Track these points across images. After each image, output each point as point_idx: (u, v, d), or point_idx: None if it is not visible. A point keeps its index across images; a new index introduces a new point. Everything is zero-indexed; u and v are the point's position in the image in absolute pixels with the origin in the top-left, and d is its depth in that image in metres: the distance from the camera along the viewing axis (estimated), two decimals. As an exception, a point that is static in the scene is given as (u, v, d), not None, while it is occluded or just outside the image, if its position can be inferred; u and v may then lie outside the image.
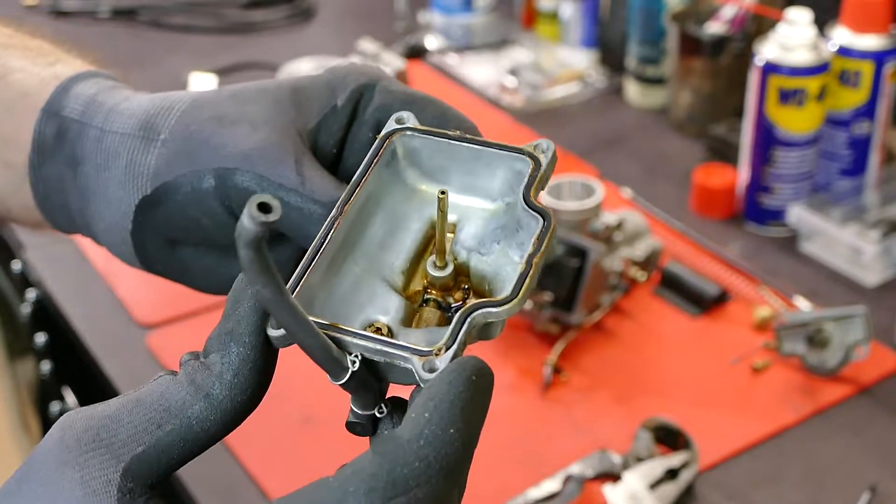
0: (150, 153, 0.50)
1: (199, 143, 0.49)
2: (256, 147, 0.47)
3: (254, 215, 0.33)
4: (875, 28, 1.10)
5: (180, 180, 0.49)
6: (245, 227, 0.34)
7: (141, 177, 0.51)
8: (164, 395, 0.41)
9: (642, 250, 1.03)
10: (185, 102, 0.50)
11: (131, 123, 0.51)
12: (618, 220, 1.00)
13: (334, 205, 0.44)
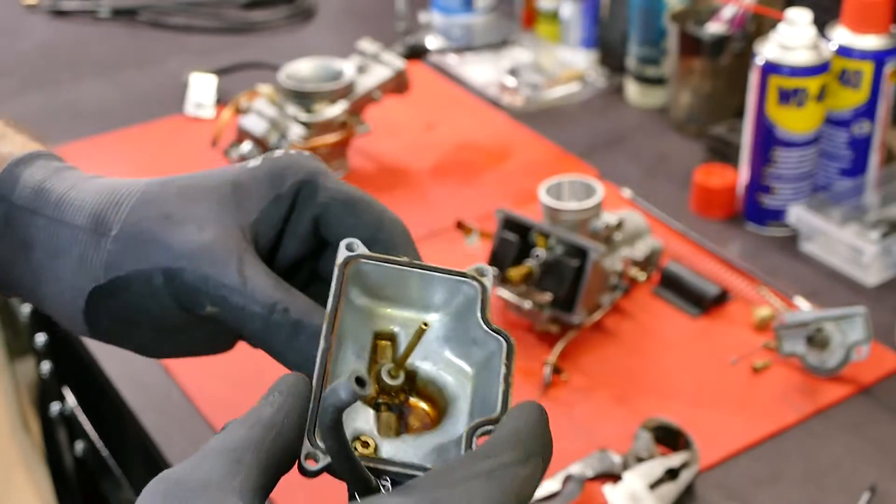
0: (102, 248, 0.53)
1: (149, 240, 0.52)
2: (202, 248, 0.51)
3: (353, 389, 0.39)
4: (875, 28, 1.10)
5: (132, 275, 0.53)
6: (339, 396, 0.39)
7: (94, 269, 0.54)
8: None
9: (642, 250, 1.03)
10: (134, 197, 0.54)
11: (81, 216, 0.54)
12: (618, 220, 1.00)
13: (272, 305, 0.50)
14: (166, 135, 1.36)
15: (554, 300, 0.97)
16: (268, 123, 1.21)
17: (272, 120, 1.21)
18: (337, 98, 1.22)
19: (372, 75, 1.26)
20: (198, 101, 1.40)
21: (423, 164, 1.29)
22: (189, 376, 0.96)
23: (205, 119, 1.39)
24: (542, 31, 1.55)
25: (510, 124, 1.37)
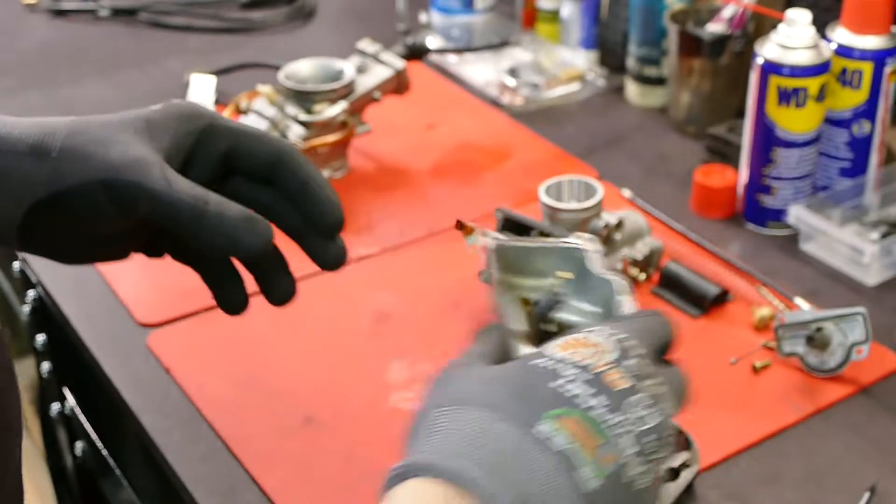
0: (44, 167, 0.63)
1: (87, 158, 0.63)
2: (133, 161, 0.63)
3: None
4: (875, 28, 1.10)
5: (73, 188, 0.63)
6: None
7: (35, 187, 0.64)
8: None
9: (642, 250, 1.03)
10: (66, 127, 0.64)
11: (21, 145, 0.64)
12: (618, 220, 1.00)
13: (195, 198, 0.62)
14: (166, 135, 1.36)
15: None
16: (268, 124, 1.21)
17: (272, 120, 1.21)
18: (337, 98, 1.22)
19: (372, 75, 1.26)
20: (198, 101, 1.40)
21: (423, 164, 1.29)
22: (189, 376, 0.96)
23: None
24: (542, 31, 1.55)
25: (510, 124, 1.37)
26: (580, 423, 0.52)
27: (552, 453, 0.50)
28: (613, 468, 0.51)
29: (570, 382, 0.53)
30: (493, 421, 0.52)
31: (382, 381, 0.95)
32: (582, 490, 0.50)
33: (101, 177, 0.63)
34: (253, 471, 0.86)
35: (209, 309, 1.04)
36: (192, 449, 0.89)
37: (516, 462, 0.50)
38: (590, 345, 0.55)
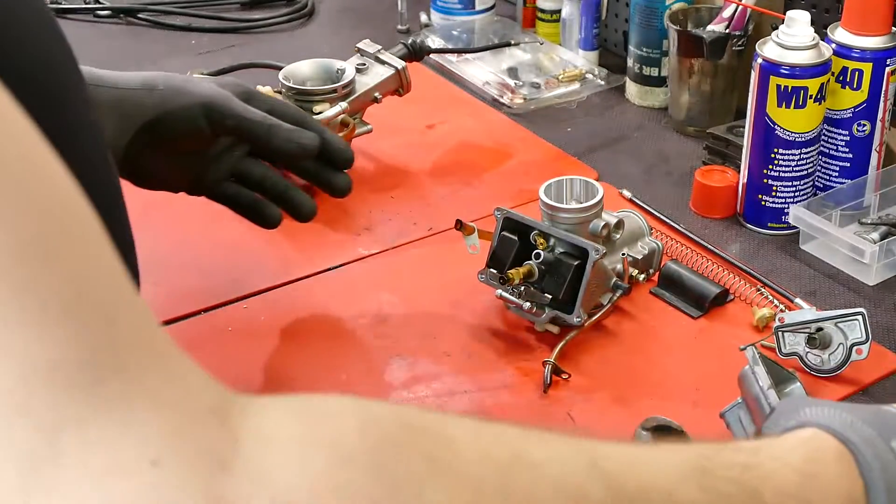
0: (154, 96, 0.94)
1: (186, 91, 0.95)
2: (220, 93, 0.96)
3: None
4: (875, 28, 1.10)
5: (177, 109, 0.94)
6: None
7: (146, 110, 0.93)
8: None
9: (642, 251, 1.03)
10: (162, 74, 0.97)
11: (135, 83, 0.95)
12: (617, 220, 1.00)
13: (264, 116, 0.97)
14: (166, 135, 1.36)
15: (554, 300, 0.97)
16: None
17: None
18: (337, 98, 1.22)
19: (372, 75, 1.26)
20: None
21: (423, 164, 1.29)
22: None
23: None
24: (542, 31, 1.55)
25: (510, 124, 1.37)
26: None
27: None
28: None
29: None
30: (861, 422, 0.60)
31: (382, 381, 0.95)
32: None
33: (200, 101, 0.94)
34: (253, 471, 0.86)
35: (209, 309, 1.04)
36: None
37: (883, 453, 0.59)
38: None
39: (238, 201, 1.02)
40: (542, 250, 0.97)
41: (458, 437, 0.47)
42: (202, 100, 0.95)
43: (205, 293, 1.07)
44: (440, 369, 0.96)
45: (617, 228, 1.00)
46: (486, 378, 0.95)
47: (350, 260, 1.11)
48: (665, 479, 0.54)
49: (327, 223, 1.14)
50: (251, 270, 1.09)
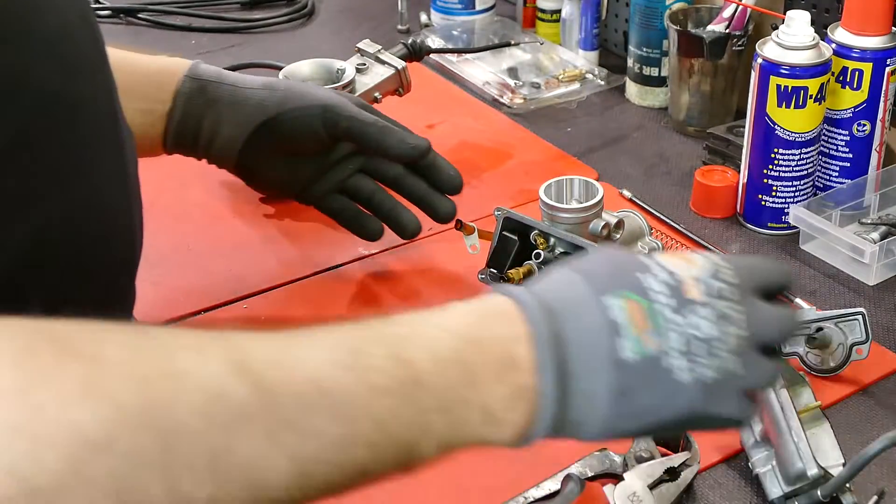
0: (275, 96, 1.00)
1: (304, 93, 1.02)
2: (337, 98, 1.02)
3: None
4: (875, 28, 1.11)
5: (296, 109, 1.00)
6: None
7: (267, 108, 0.99)
8: None
9: (641, 251, 1.03)
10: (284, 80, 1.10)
11: (257, 84, 1.02)
12: (617, 220, 1.00)
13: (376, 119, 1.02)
14: (166, 135, 1.36)
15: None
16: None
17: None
18: (337, 98, 1.22)
19: (372, 75, 1.26)
20: None
21: (423, 164, 1.28)
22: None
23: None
24: (542, 31, 1.55)
25: (510, 124, 1.37)
26: (640, 309, 0.62)
27: (606, 318, 0.61)
28: (653, 352, 0.61)
29: (653, 278, 0.63)
30: (579, 282, 0.63)
31: (382, 381, 0.95)
32: (615, 355, 0.61)
33: (319, 103, 1.00)
34: (253, 471, 0.86)
35: (209, 309, 1.04)
36: (192, 449, 0.89)
37: (572, 310, 0.62)
38: (689, 260, 0.65)
39: (343, 214, 1.06)
40: (542, 250, 0.97)
41: (109, 358, 0.51)
42: (321, 102, 1.00)
43: (205, 293, 1.07)
44: (440, 369, 0.96)
45: (617, 228, 1.00)
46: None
47: (350, 260, 1.11)
48: (312, 368, 0.56)
49: (327, 223, 1.14)
50: (251, 270, 1.09)
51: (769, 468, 0.82)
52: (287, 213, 1.17)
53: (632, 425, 0.64)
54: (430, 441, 0.60)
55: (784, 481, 0.80)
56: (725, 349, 0.63)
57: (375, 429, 0.58)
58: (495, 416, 0.61)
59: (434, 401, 0.59)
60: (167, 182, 1.23)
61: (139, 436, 0.50)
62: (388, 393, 0.58)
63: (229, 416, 0.53)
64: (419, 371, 0.59)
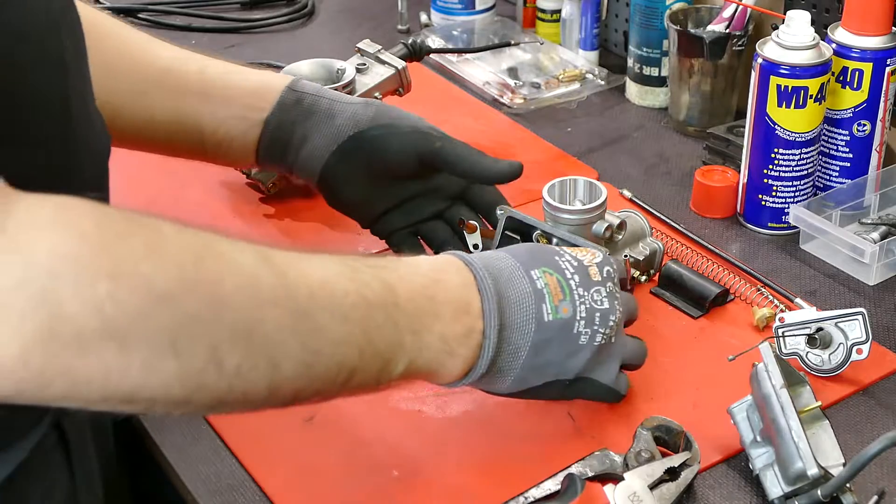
0: (369, 110, 1.00)
1: (401, 114, 1.02)
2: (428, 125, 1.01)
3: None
4: (875, 28, 1.11)
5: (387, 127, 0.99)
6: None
7: (360, 122, 0.99)
8: None
9: (643, 251, 1.03)
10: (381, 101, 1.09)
11: (355, 100, 1.02)
12: (620, 221, 1.00)
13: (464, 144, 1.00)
14: (166, 135, 1.36)
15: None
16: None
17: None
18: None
19: (372, 75, 1.26)
20: None
21: (423, 164, 1.28)
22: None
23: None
24: (542, 31, 1.55)
25: (510, 124, 1.37)
26: (557, 282, 0.80)
27: (533, 286, 0.79)
28: (566, 317, 0.79)
29: (565, 261, 0.82)
30: (509, 258, 0.80)
31: (382, 381, 0.95)
32: (540, 317, 0.78)
33: (412, 124, 1.00)
34: (253, 471, 0.86)
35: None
36: (192, 449, 0.89)
37: (507, 277, 0.79)
38: (588, 251, 0.85)
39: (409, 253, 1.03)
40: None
41: (167, 231, 0.62)
42: (414, 123, 1.00)
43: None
44: (440, 369, 0.96)
45: (619, 230, 1.00)
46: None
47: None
48: (322, 274, 0.68)
49: (327, 223, 1.14)
50: (251, 270, 1.09)
51: (769, 468, 0.82)
52: (287, 213, 1.17)
53: (536, 379, 0.80)
54: (402, 359, 0.72)
55: (784, 481, 0.80)
56: (614, 321, 0.81)
57: (365, 337, 0.69)
58: (451, 347, 0.75)
59: (408, 322, 0.72)
60: (167, 182, 1.23)
61: (195, 297, 0.60)
62: (376, 307, 0.70)
63: (262, 297, 0.64)
64: (398, 295, 0.72)
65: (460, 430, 0.90)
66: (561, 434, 0.89)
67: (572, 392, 0.84)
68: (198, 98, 0.99)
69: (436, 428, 0.90)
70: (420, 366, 0.74)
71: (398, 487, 0.84)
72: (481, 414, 0.91)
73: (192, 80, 1.00)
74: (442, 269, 0.77)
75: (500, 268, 0.79)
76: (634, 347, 0.88)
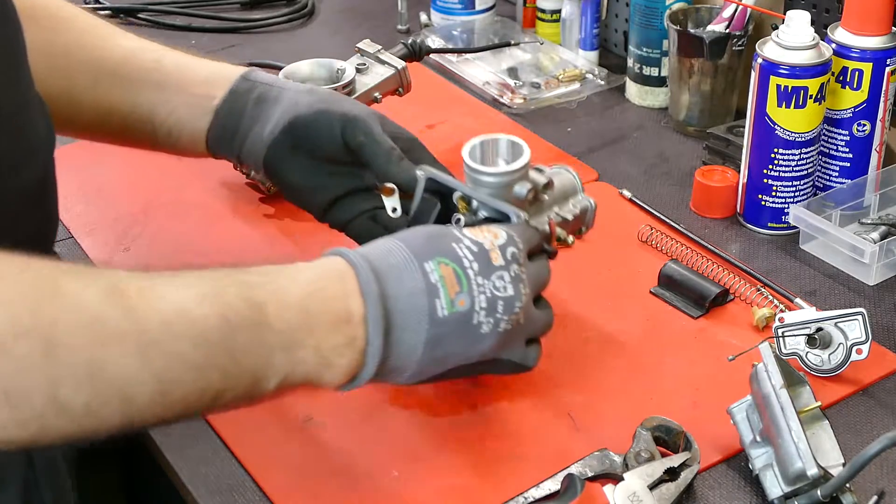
0: (309, 98, 0.97)
1: (341, 101, 0.99)
2: (371, 113, 0.98)
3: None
4: (875, 28, 1.11)
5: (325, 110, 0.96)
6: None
7: (303, 106, 0.97)
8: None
9: (572, 210, 0.96)
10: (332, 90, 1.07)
11: (301, 88, 1.00)
12: (546, 181, 0.92)
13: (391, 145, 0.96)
14: (166, 135, 1.36)
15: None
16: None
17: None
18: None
19: (372, 75, 1.26)
20: None
21: (423, 164, 1.28)
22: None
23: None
24: (542, 31, 1.55)
25: (510, 124, 1.37)
26: (454, 272, 0.76)
27: (426, 281, 0.75)
28: (463, 310, 0.76)
29: (464, 247, 0.78)
30: (402, 248, 0.76)
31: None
32: (434, 313, 0.75)
33: (346, 111, 0.96)
34: (253, 471, 0.86)
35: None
36: (192, 449, 0.89)
37: (397, 274, 0.75)
38: (491, 232, 0.80)
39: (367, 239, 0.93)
40: (462, 214, 0.89)
41: (6, 273, 0.61)
42: (350, 111, 0.97)
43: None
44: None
45: (546, 189, 0.92)
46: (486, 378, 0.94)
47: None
48: (178, 300, 0.67)
49: (327, 223, 1.14)
50: (251, 270, 1.09)
51: (769, 468, 0.82)
52: (287, 213, 1.17)
53: (438, 369, 0.78)
54: (274, 375, 0.71)
55: (784, 481, 0.80)
56: (519, 307, 0.78)
57: (229, 359, 0.68)
58: (328, 359, 0.72)
59: (278, 340, 0.70)
60: (167, 182, 1.23)
61: (26, 343, 0.60)
62: (240, 328, 0.68)
63: (106, 334, 0.63)
64: (266, 314, 0.70)
65: (460, 430, 0.90)
66: (561, 434, 0.89)
67: (478, 371, 0.84)
68: (152, 87, 0.98)
69: (436, 428, 0.90)
70: (296, 379, 0.72)
71: (398, 487, 0.84)
72: (481, 414, 0.91)
73: (147, 69, 0.99)
74: (322, 276, 0.74)
75: (390, 264, 0.75)
76: (541, 321, 0.84)
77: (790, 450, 0.79)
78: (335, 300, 0.73)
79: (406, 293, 0.74)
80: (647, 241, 1.12)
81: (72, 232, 1.16)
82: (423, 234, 0.78)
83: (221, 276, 0.70)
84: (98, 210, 1.20)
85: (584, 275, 1.08)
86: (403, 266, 0.75)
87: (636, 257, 1.11)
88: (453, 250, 0.77)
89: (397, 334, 0.74)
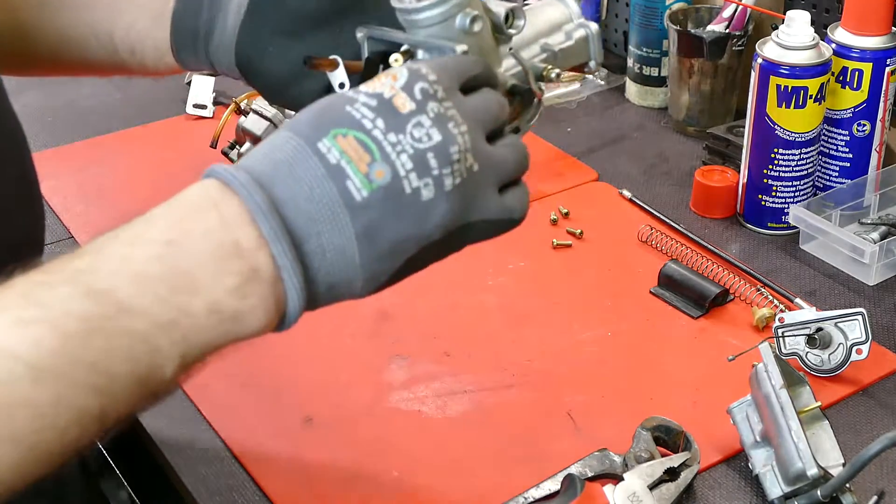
0: None
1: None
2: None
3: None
4: (875, 28, 1.11)
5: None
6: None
7: None
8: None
9: (561, 42, 0.76)
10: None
11: None
12: (507, 11, 0.72)
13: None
14: (166, 135, 1.36)
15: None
16: (268, 123, 1.21)
17: (272, 119, 1.21)
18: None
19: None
20: (198, 101, 1.40)
21: (423, 165, 1.28)
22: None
23: (205, 119, 1.39)
24: (542, 32, 1.54)
25: (510, 124, 1.37)
26: (357, 141, 0.59)
27: (326, 165, 0.59)
28: (385, 182, 0.59)
29: (361, 106, 0.60)
30: (288, 138, 0.60)
31: (382, 381, 0.95)
32: (350, 199, 0.58)
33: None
34: (253, 471, 0.86)
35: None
36: (192, 449, 0.89)
37: (286, 170, 0.59)
38: (389, 75, 0.62)
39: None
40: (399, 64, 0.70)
41: None
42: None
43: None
44: (440, 369, 0.96)
45: (510, 20, 0.73)
46: (486, 378, 0.95)
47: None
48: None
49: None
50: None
51: (769, 468, 0.82)
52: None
53: (394, 263, 0.61)
54: (166, 360, 0.57)
55: (784, 481, 0.80)
56: (456, 150, 0.61)
57: (94, 373, 0.55)
58: (232, 309, 0.58)
59: (149, 322, 0.56)
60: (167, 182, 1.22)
61: None
62: (91, 334, 0.55)
63: None
64: (118, 300, 0.56)
65: (460, 430, 0.90)
66: (561, 434, 0.89)
67: (455, 246, 0.66)
68: (103, 5, 0.87)
69: (436, 428, 0.90)
70: (201, 348, 0.59)
71: (398, 487, 0.84)
72: (481, 414, 0.91)
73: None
74: (185, 216, 0.59)
75: (275, 162, 0.59)
76: (509, 159, 0.69)
77: (790, 450, 0.79)
78: (209, 237, 0.58)
79: (305, 188, 0.59)
80: (647, 241, 1.12)
81: (72, 232, 1.16)
82: (309, 112, 0.62)
83: (39, 280, 0.56)
84: (98, 210, 1.20)
85: (584, 275, 1.08)
86: (293, 158, 0.59)
87: (636, 257, 1.11)
88: (348, 115, 0.60)
89: (313, 242, 0.59)
